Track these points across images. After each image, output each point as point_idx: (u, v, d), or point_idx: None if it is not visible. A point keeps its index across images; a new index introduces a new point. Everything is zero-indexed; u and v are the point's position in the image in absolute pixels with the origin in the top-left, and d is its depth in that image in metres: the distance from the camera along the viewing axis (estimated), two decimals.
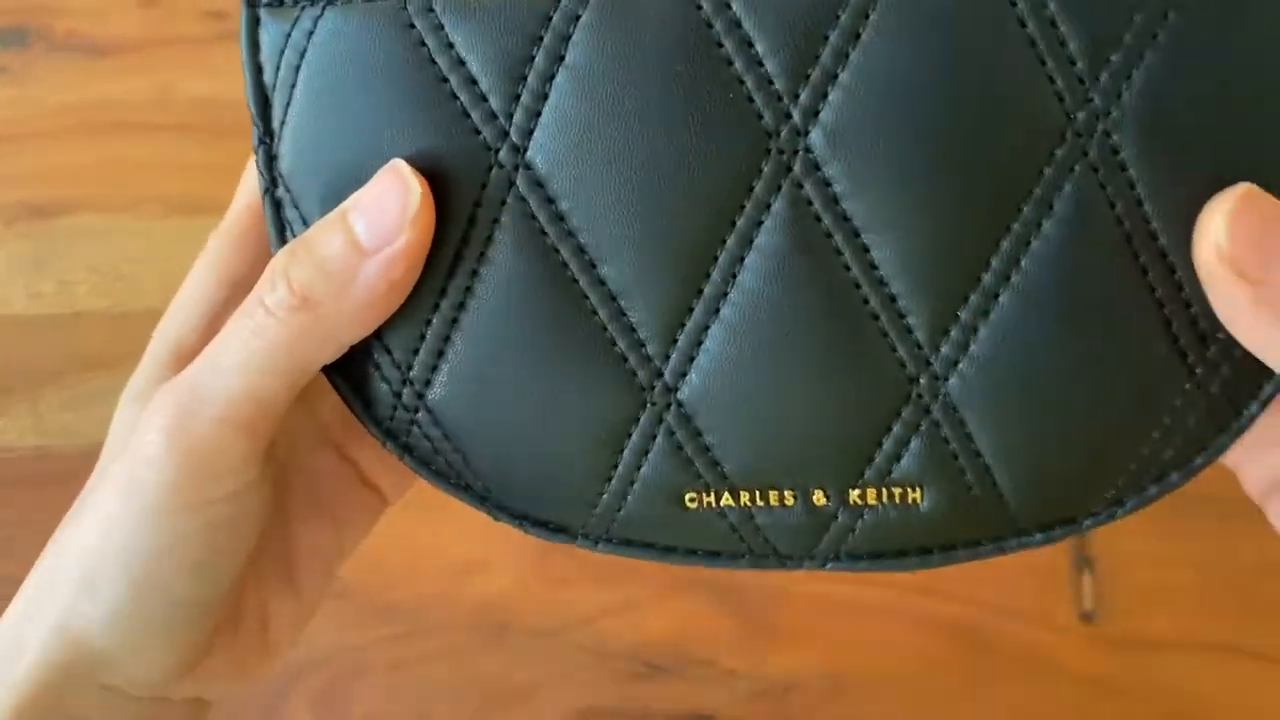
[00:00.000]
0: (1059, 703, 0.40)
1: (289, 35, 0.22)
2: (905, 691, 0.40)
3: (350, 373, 0.23)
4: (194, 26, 0.58)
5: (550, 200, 0.22)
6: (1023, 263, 0.21)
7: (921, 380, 0.22)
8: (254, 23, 0.23)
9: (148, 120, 0.54)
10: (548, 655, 0.40)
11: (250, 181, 0.26)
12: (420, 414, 0.23)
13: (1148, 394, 0.22)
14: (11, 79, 0.55)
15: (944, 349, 0.22)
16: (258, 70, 0.23)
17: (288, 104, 0.22)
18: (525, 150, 0.21)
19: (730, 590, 0.41)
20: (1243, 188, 0.20)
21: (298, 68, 0.22)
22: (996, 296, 0.21)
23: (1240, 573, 0.42)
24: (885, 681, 0.40)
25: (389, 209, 0.21)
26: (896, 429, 0.22)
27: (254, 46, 0.23)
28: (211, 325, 0.24)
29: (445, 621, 0.40)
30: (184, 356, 0.24)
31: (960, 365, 0.22)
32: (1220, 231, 0.20)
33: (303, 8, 0.22)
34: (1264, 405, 0.22)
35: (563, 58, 0.21)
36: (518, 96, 0.21)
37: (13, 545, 0.43)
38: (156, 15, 0.58)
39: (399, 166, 0.21)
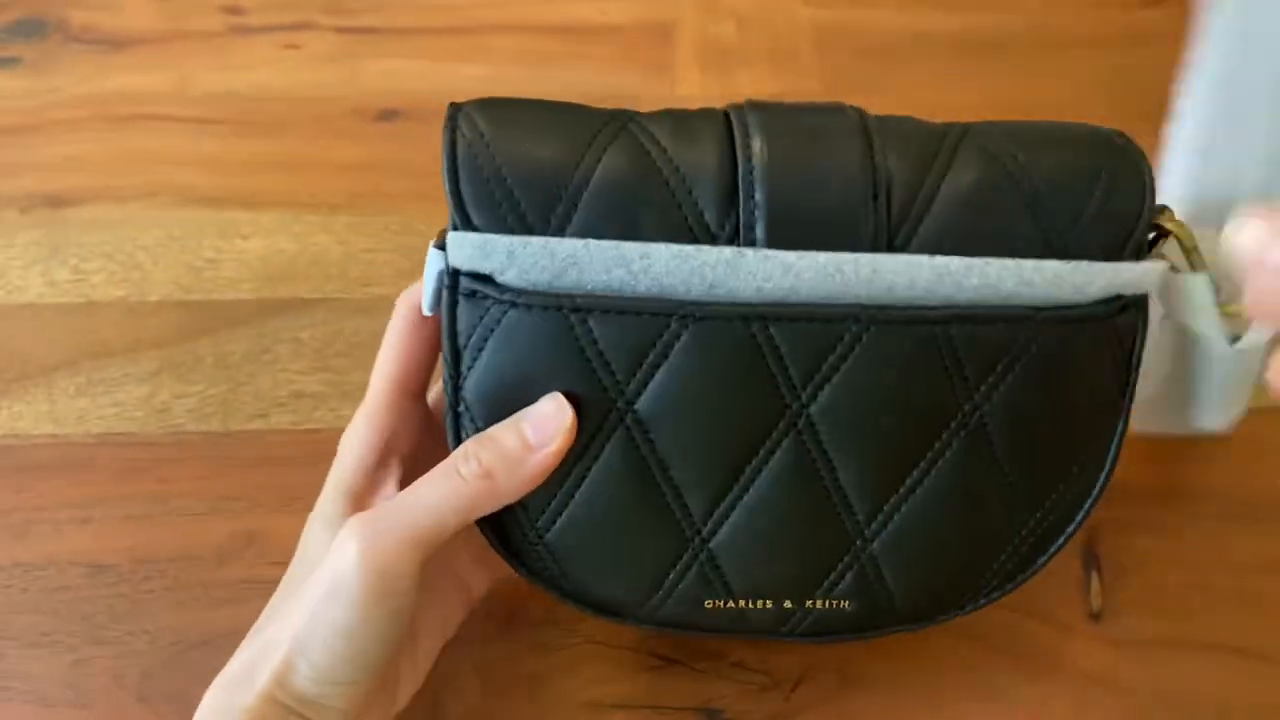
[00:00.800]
0: (1066, 701, 0.40)
1: (482, 318, 0.33)
2: (913, 688, 0.40)
3: (494, 520, 0.35)
4: (210, 21, 0.58)
5: (646, 431, 0.33)
6: (925, 481, 0.34)
7: (858, 543, 0.35)
8: (454, 305, 0.33)
9: (163, 112, 0.55)
10: (557, 646, 0.41)
11: (382, 369, 0.36)
12: (540, 548, 0.35)
13: (988, 551, 0.36)
14: (29, 70, 0.56)
15: (873, 526, 0.35)
16: (454, 335, 0.33)
17: (474, 360, 0.33)
18: (635, 403, 0.33)
19: None
20: None
21: (486, 339, 0.33)
22: (907, 499, 0.35)
23: (1247, 573, 0.42)
24: (893, 678, 0.40)
25: (550, 422, 0.32)
26: (839, 568, 0.35)
27: (453, 320, 0.33)
28: (369, 475, 0.35)
29: None
30: (353, 495, 0.35)
31: (882, 535, 0.35)
32: None
33: (493, 302, 0.32)
34: (1055, 553, 0.37)
35: (667, 356, 0.32)
36: (635, 374, 0.33)
37: (28, 530, 0.43)
38: (173, 9, 0.58)
39: (559, 397, 0.33)
